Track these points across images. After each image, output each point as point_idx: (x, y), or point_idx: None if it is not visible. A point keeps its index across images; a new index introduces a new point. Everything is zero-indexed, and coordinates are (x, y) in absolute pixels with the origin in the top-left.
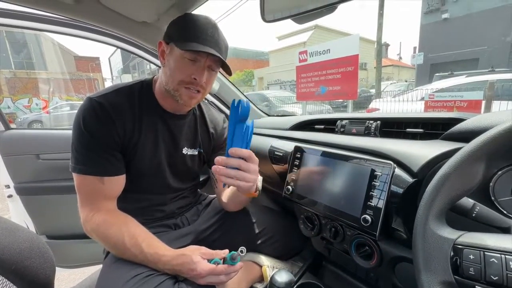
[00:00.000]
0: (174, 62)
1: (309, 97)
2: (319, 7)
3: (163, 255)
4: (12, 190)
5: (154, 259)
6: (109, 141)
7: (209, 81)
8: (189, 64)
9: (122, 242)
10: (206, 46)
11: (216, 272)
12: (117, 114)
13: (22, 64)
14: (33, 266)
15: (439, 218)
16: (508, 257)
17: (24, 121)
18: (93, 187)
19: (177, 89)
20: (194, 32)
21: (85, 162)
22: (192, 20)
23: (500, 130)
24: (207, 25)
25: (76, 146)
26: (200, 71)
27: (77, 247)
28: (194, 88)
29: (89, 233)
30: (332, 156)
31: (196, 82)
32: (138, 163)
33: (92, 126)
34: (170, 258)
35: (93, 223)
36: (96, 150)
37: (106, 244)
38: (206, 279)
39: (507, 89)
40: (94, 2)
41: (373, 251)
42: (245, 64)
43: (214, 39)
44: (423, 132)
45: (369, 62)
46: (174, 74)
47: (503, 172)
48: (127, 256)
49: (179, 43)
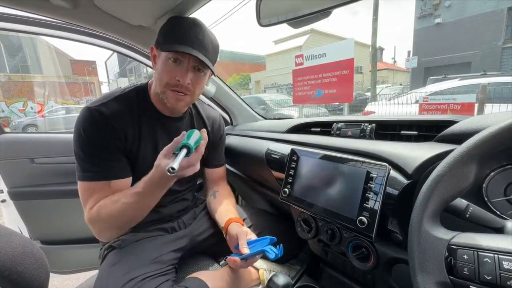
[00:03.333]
0: (160, 65)
1: (305, 100)
2: (314, 12)
3: (151, 175)
4: (5, 195)
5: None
6: (112, 146)
7: (197, 82)
8: (173, 66)
9: (122, 204)
10: (188, 46)
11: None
12: (116, 122)
13: (17, 68)
14: (26, 272)
15: (434, 219)
16: (501, 256)
17: (18, 125)
18: (100, 192)
19: (164, 91)
20: (176, 33)
21: (92, 169)
22: (176, 23)
23: (491, 132)
24: (191, 26)
25: (80, 155)
26: (183, 72)
27: (72, 252)
28: (180, 90)
29: (97, 230)
30: (328, 159)
31: (180, 84)
32: (140, 168)
33: (94, 133)
34: (154, 171)
35: (92, 213)
36: (100, 155)
37: (115, 221)
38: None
39: (498, 92)
40: (91, 7)
41: (369, 253)
42: (242, 67)
43: (198, 39)
44: (417, 134)
45: (365, 65)
46: (161, 77)
47: (495, 173)
48: (135, 210)
49: (163, 45)
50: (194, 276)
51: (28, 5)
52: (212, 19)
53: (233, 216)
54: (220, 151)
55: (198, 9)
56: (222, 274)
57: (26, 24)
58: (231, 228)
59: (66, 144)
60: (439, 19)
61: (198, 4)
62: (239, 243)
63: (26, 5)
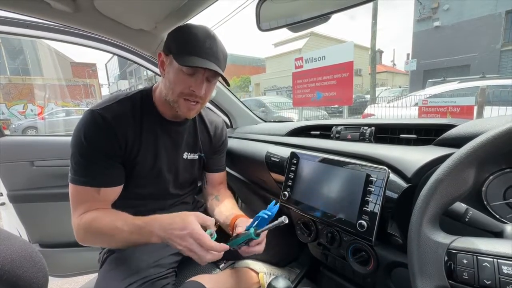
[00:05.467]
0: (173, 75)
1: (305, 103)
2: (313, 17)
3: (154, 217)
4: (5, 198)
5: (147, 226)
6: (110, 153)
7: (208, 92)
8: (188, 77)
9: (115, 227)
10: (204, 59)
11: (217, 249)
12: (119, 126)
13: (18, 70)
14: (25, 275)
15: (433, 223)
16: (500, 261)
17: (18, 127)
18: (88, 197)
19: (176, 100)
20: (192, 45)
21: (85, 173)
22: (190, 33)
23: (490, 136)
24: (205, 37)
25: (76, 158)
26: (198, 84)
27: (71, 255)
28: (193, 99)
29: (81, 236)
30: (327, 162)
31: (194, 94)
32: (139, 172)
33: (94, 139)
34: (162, 218)
35: (85, 221)
36: (96, 161)
37: (101, 238)
38: (204, 253)
39: (497, 95)
40: (92, 11)
41: (369, 257)
42: (242, 70)
43: (212, 51)
44: (417, 138)
45: (364, 68)
46: (174, 87)
47: (494, 177)
48: (123, 239)
49: (178, 56)
50: (194, 279)
51: (29, 10)
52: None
53: (239, 213)
54: (221, 156)
55: (199, 12)
56: (222, 277)
57: (27, 28)
58: (238, 223)
59: (66, 147)
60: (437, 22)
61: (198, 8)
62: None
63: (27, 10)
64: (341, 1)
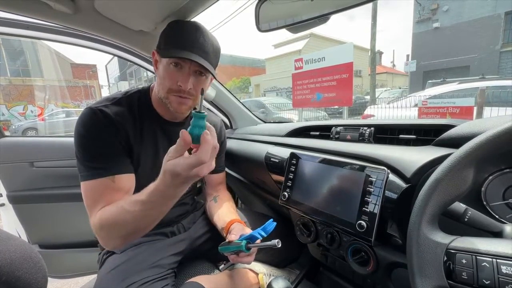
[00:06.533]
0: (162, 71)
1: (305, 104)
2: (313, 18)
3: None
4: (4, 199)
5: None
6: (114, 143)
7: (198, 86)
8: (174, 71)
9: (126, 211)
10: (189, 51)
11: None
12: (119, 123)
13: (18, 72)
14: (25, 276)
15: (432, 223)
16: (499, 261)
17: (18, 128)
18: (104, 189)
19: (167, 97)
20: (177, 38)
21: (95, 166)
22: (176, 27)
23: (489, 136)
24: (191, 30)
25: (83, 155)
26: (185, 77)
27: (71, 256)
28: (183, 95)
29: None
30: (327, 162)
31: (182, 89)
32: (139, 174)
33: (97, 131)
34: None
35: (98, 217)
36: (102, 151)
37: (119, 228)
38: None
39: (497, 96)
40: (92, 12)
41: (369, 257)
42: (241, 71)
43: (198, 43)
44: (416, 138)
45: (364, 69)
46: (163, 82)
47: (494, 177)
48: (137, 223)
49: (163, 50)
50: (194, 280)
51: (30, 11)
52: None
53: (235, 218)
54: (220, 156)
55: (199, 14)
56: (221, 278)
57: (27, 29)
58: (233, 228)
59: (66, 148)
60: (437, 23)
61: (198, 9)
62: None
63: (27, 11)
64: (340, 2)
